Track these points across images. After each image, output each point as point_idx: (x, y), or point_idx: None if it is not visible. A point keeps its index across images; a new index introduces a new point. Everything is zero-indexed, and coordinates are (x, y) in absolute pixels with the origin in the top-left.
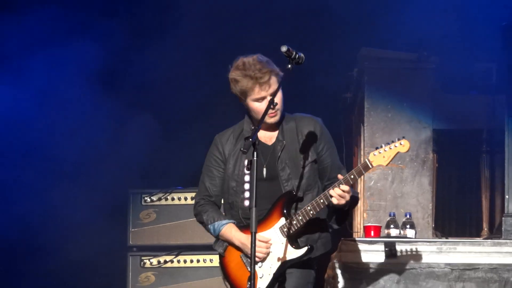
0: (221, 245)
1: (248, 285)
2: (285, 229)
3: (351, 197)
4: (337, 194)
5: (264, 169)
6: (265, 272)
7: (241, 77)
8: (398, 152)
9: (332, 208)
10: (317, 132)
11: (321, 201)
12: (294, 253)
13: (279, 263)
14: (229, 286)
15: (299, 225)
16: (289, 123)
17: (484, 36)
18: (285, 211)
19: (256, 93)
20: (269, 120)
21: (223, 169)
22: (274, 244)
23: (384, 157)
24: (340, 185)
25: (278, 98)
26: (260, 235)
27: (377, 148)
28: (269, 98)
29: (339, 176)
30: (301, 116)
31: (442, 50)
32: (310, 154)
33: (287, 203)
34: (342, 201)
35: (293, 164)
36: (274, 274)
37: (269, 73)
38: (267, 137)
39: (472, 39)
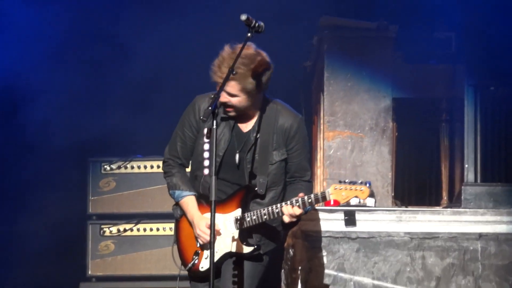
0: (178, 210)
1: (192, 260)
2: (238, 222)
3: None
4: (289, 213)
5: (237, 155)
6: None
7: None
8: (356, 196)
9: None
10: (293, 130)
11: (276, 211)
12: (241, 248)
13: (225, 251)
14: (176, 251)
15: (251, 224)
16: (268, 112)
17: (444, 5)
18: (242, 204)
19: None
20: (228, 113)
21: (195, 136)
22: (226, 231)
23: (342, 195)
24: (294, 207)
25: (236, 100)
26: (206, 222)
27: (340, 182)
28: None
29: (300, 195)
30: (283, 107)
31: (401, 19)
32: (281, 152)
33: (247, 196)
34: (293, 220)
35: (262, 159)
36: (219, 259)
37: (222, 69)
38: (243, 123)
39: (431, 8)
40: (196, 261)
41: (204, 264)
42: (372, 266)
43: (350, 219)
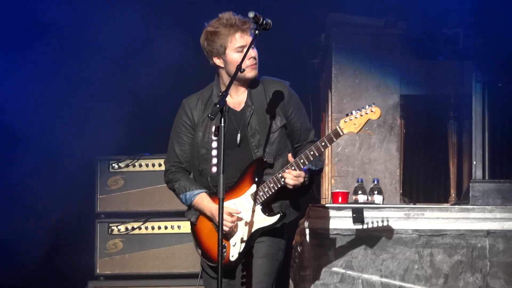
0: (193, 213)
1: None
2: (256, 196)
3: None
4: (291, 177)
5: (238, 135)
6: (237, 240)
7: (222, 26)
8: (369, 119)
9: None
10: (285, 96)
11: (279, 176)
12: (266, 221)
13: (252, 230)
14: (201, 253)
15: (270, 192)
16: (257, 87)
17: (452, 1)
18: (256, 178)
19: (238, 40)
20: (249, 73)
21: (192, 135)
22: (246, 212)
23: (355, 124)
24: (292, 170)
25: (255, 53)
26: (227, 206)
27: (347, 115)
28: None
29: (289, 156)
30: (268, 79)
31: (409, 15)
32: (280, 118)
33: (258, 170)
34: (296, 183)
35: (263, 130)
36: (246, 241)
37: (248, 23)
38: (236, 102)
39: (439, 4)
40: (224, 254)
41: (233, 253)
42: (380, 264)
43: (358, 217)
